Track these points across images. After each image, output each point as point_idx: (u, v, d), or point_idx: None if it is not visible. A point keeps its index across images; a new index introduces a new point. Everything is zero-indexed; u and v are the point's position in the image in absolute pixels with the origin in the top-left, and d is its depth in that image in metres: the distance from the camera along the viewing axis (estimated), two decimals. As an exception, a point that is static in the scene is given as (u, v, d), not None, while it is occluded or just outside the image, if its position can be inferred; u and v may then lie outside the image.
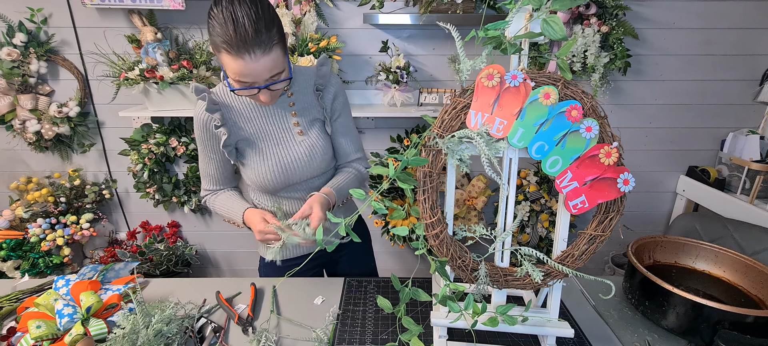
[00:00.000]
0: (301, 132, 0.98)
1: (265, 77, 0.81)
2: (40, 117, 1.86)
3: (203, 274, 2.33)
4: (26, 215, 1.85)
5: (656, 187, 2.11)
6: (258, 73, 0.80)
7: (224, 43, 0.76)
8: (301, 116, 0.99)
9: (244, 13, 0.76)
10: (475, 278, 0.73)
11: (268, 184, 0.97)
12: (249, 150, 0.97)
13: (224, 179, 1.04)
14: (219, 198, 1.03)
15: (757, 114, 1.95)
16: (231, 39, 0.75)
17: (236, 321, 0.90)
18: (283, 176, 0.97)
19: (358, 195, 0.67)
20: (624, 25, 1.72)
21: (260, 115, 0.97)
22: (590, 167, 0.65)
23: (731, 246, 1.34)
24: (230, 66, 0.79)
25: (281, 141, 0.97)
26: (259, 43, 0.77)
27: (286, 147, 0.97)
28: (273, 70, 0.81)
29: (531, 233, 2.06)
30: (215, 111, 0.92)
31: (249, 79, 0.81)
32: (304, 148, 0.98)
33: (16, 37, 1.74)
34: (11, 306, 0.95)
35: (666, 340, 0.86)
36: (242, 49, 0.76)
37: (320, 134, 1.00)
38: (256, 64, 0.78)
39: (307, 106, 0.99)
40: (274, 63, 0.81)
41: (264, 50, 0.78)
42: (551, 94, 0.62)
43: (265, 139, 0.97)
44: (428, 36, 1.85)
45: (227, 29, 0.75)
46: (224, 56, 0.78)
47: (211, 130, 0.93)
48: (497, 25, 0.63)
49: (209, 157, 1.00)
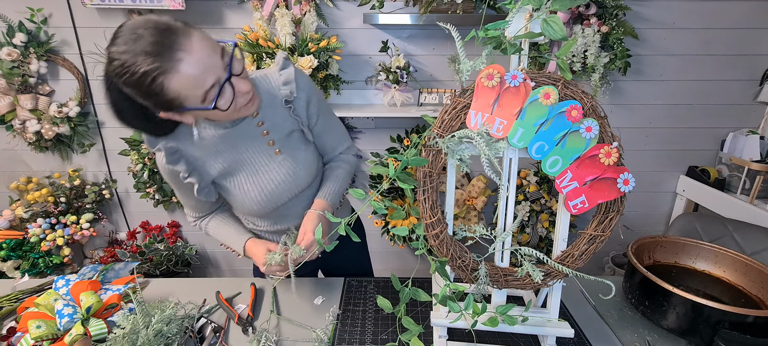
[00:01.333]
0: (279, 151, 0.89)
1: (218, 63, 0.70)
2: (40, 117, 1.86)
3: (203, 274, 2.33)
4: (26, 215, 1.85)
5: (656, 187, 2.11)
6: (207, 59, 0.68)
7: (151, 62, 0.64)
8: (274, 134, 0.89)
9: (142, 24, 0.65)
10: (475, 278, 0.73)
11: (256, 212, 0.93)
12: (227, 185, 0.89)
13: (208, 206, 0.97)
14: (211, 224, 0.98)
15: (757, 114, 1.95)
16: (152, 49, 0.64)
17: (236, 321, 0.90)
18: (269, 203, 0.91)
19: (357, 195, 0.67)
20: (624, 25, 1.72)
21: (230, 146, 0.86)
22: (590, 167, 0.65)
23: (731, 246, 1.34)
24: (180, 83, 0.67)
25: (259, 167, 0.89)
26: (178, 30, 0.66)
27: (266, 172, 0.89)
28: (215, 48, 0.70)
29: (531, 233, 2.06)
30: (178, 160, 0.83)
31: (210, 78, 0.69)
32: (285, 167, 0.90)
33: (16, 37, 1.74)
34: (11, 306, 0.95)
35: (666, 340, 0.86)
36: (172, 47, 0.65)
37: (300, 146, 0.92)
38: (199, 51, 0.67)
39: (278, 120, 0.89)
40: (208, 41, 0.70)
41: (187, 35, 0.67)
42: (551, 94, 0.62)
43: (242, 169, 0.88)
44: (428, 36, 1.85)
45: (141, 45, 0.64)
46: (166, 79, 0.66)
47: (180, 180, 0.85)
48: (497, 25, 0.63)
49: (185, 193, 0.92)
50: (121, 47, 0.65)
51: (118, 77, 0.66)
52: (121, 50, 0.65)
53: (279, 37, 1.66)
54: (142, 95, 0.68)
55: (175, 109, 0.71)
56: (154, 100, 0.69)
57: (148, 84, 0.66)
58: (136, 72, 0.64)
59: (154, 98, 0.68)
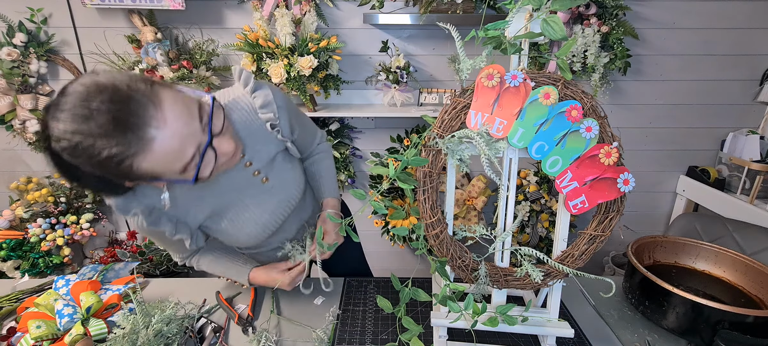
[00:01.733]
0: (266, 178, 0.83)
1: (197, 127, 0.58)
2: (40, 117, 1.86)
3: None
4: (26, 215, 1.85)
5: (656, 187, 2.11)
6: (184, 128, 0.56)
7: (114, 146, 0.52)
8: (257, 163, 0.81)
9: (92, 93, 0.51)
10: (475, 278, 0.73)
11: (250, 245, 0.89)
12: (217, 227, 0.82)
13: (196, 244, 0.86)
14: (203, 260, 0.91)
15: (757, 114, 1.95)
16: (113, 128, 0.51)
17: (236, 321, 0.90)
18: (266, 231, 0.86)
19: (357, 195, 0.67)
20: (624, 25, 1.72)
21: (212, 189, 0.77)
22: (590, 167, 0.65)
23: (731, 246, 1.34)
24: (154, 162, 0.56)
25: (249, 201, 0.82)
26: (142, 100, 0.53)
27: (258, 204, 0.83)
28: (191, 110, 0.58)
29: (531, 233, 2.05)
30: (159, 220, 0.73)
31: (190, 148, 0.58)
32: (276, 194, 0.85)
33: (16, 37, 1.74)
34: (11, 306, 0.95)
35: (666, 340, 0.86)
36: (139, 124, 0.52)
37: (286, 166, 0.87)
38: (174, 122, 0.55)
39: (259, 147, 0.81)
40: (182, 102, 0.57)
41: (156, 103, 0.54)
42: (551, 94, 0.62)
43: (231, 208, 0.81)
44: (428, 36, 1.85)
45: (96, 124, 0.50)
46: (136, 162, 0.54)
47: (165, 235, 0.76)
48: (497, 25, 0.63)
49: (168, 242, 0.82)
50: (68, 125, 0.51)
51: (69, 156, 0.53)
52: (70, 130, 0.51)
53: (279, 37, 1.66)
54: (103, 173, 0.56)
55: (145, 182, 0.62)
56: (121, 179, 0.59)
57: (112, 166, 0.54)
58: (95, 155, 0.52)
59: (121, 177, 0.58)
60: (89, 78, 0.53)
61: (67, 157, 0.54)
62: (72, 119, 0.51)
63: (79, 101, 0.51)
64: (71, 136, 0.51)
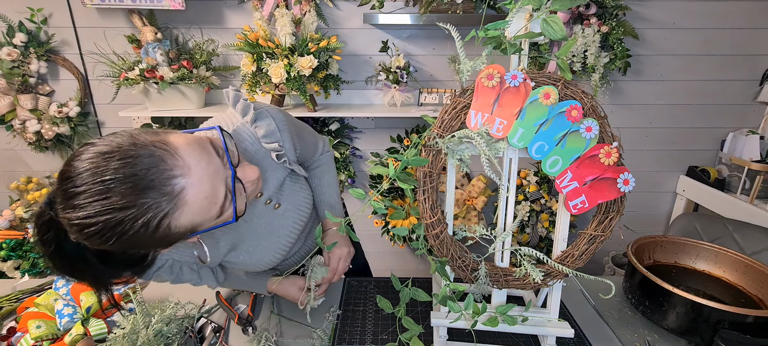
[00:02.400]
0: (278, 205, 0.82)
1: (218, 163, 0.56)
2: (40, 117, 1.86)
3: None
4: (26, 215, 1.85)
5: (656, 187, 2.11)
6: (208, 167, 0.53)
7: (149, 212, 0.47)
8: (268, 192, 0.79)
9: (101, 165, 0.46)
10: (475, 278, 0.73)
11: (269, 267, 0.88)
12: (235, 260, 0.81)
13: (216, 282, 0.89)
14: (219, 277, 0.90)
15: (757, 114, 1.95)
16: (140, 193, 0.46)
17: (236, 321, 0.90)
18: (282, 254, 0.85)
19: (357, 195, 0.67)
20: (624, 25, 1.72)
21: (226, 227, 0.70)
22: (590, 167, 0.65)
23: (731, 246, 1.34)
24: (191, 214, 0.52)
25: (264, 230, 0.81)
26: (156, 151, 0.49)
27: (272, 232, 0.82)
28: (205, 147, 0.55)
29: (531, 233, 2.06)
30: (180, 275, 0.77)
31: (221, 187, 0.55)
32: (290, 218, 0.84)
33: (16, 37, 1.74)
34: (11, 306, 0.95)
35: (666, 340, 0.86)
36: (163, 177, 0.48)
37: (295, 187, 0.85)
38: (195, 165, 0.51)
39: (267, 175, 0.78)
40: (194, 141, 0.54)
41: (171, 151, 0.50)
42: (551, 94, 0.62)
43: (248, 240, 0.80)
44: (428, 36, 1.85)
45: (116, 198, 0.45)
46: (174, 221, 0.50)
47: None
48: (497, 25, 0.63)
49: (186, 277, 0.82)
50: (90, 209, 0.45)
51: (96, 242, 0.47)
52: (92, 212, 0.45)
53: (279, 37, 1.66)
54: (141, 248, 0.53)
55: (185, 239, 0.57)
56: (162, 245, 0.54)
57: (149, 236, 0.49)
58: (127, 230, 0.47)
59: (161, 243, 0.53)
60: (87, 151, 0.47)
61: (95, 244, 0.47)
62: (91, 201, 0.45)
63: (90, 178, 0.45)
64: (96, 218, 0.45)
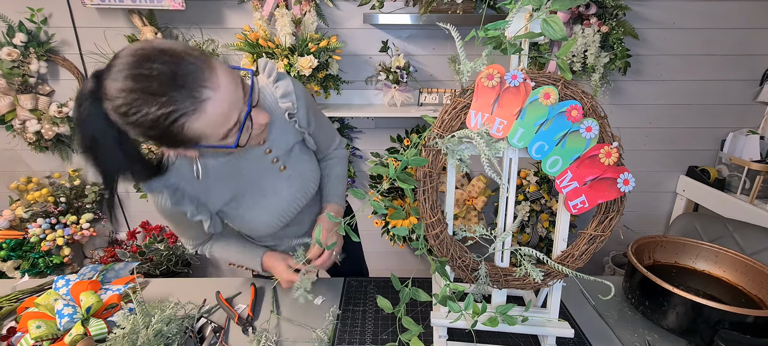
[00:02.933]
0: (284, 166, 0.86)
1: (241, 96, 0.63)
2: (40, 117, 1.86)
3: (203, 274, 2.33)
4: (26, 215, 1.85)
5: (656, 187, 2.11)
6: (233, 95, 0.61)
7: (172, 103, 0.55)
8: (276, 150, 0.85)
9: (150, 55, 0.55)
10: (475, 278, 0.73)
11: (265, 233, 0.90)
12: (235, 212, 0.84)
13: (210, 232, 0.88)
14: (215, 247, 0.93)
15: (757, 114, 1.95)
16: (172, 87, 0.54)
17: (236, 321, 0.90)
18: (281, 220, 0.88)
19: (357, 195, 0.67)
20: (624, 25, 1.72)
21: (233, 172, 0.81)
22: (590, 167, 0.65)
23: (731, 246, 1.34)
24: (205, 123, 0.59)
25: (266, 188, 0.85)
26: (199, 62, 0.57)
27: (274, 192, 0.86)
28: (237, 80, 0.63)
29: (531, 233, 2.06)
30: (182, 199, 0.76)
31: (235, 114, 0.62)
32: (293, 184, 0.88)
33: (16, 37, 1.74)
34: (11, 306, 0.95)
35: (666, 340, 0.86)
36: (196, 84, 0.56)
37: (303, 157, 0.90)
38: (225, 86, 0.59)
39: (279, 136, 0.85)
40: (230, 72, 0.62)
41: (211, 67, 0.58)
42: (551, 94, 0.62)
43: (249, 194, 0.84)
44: (428, 36, 1.85)
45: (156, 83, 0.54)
46: (189, 121, 0.57)
47: (184, 215, 0.78)
48: (497, 25, 0.63)
49: (185, 226, 0.84)
50: (128, 84, 0.53)
51: (121, 116, 0.55)
52: (128, 88, 0.53)
53: (279, 37, 1.66)
54: (150, 136, 0.59)
55: (187, 148, 0.64)
56: (167, 142, 0.60)
57: (164, 127, 0.56)
58: (149, 114, 0.54)
59: (168, 140, 0.59)
60: (144, 43, 0.57)
61: (117, 118, 0.56)
62: (132, 78, 0.53)
63: (137, 62, 0.54)
64: (129, 94, 0.53)
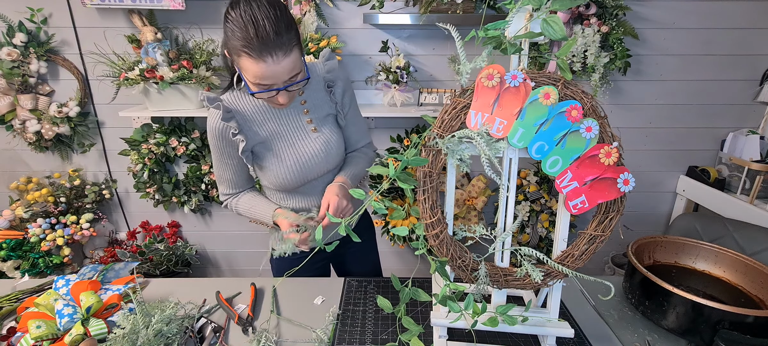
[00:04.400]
0: (315, 129, 0.99)
1: (284, 79, 0.82)
2: (40, 117, 1.86)
3: (203, 274, 2.33)
4: (26, 215, 1.85)
5: (656, 187, 2.11)
6: (278, 75, 0.80)
7: (245, 47, 0.76)
8: (313, 113, 0.99)
9: (264, 15, 0.76)
10: (475, 278, 0.73)
11: (287, 183, 0.98)
12: (266, 153, 0.97)
13: (242, 181, 1.03)
14: (241, 200, 1.03)
15: (757, 114, 1.95)
16: (252, 42, 0.75)
17: (236, 321, 0.90)
18: (301, 174, 0.98)
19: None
20: (624, 25, 1.72)
21: (273, 117, 0.97)
22: (590, 167, 0.65)
23: (731, 246, 1.34)
24: (250, 69, 0.79)
25: (297, 140, 0.98)
26: (279, 45, 0.77)
27: (303, 145, 0.98)
28: (292, 71, 0.82)
29: (531, 233, 2.05)
30: (230, 119, 0.91)
31: (269, 82, 0.81)
32: (319, 144, 0.99)
33: (16, 37, 1.74)
34: (11, 306, 0.95)
35: (666, 340, 0.86)
36: (264, 52, 0.76)
37: (333, 129, 1.02)
38: (277, 66, 0.79)
39: (319, 103, 1.00)
40: (293, 64, 0.81)
41: (285, 52, 0.79)
42: (551, 94, 0.62)
43: (281, 140, 0.97)
44: (428, 36, 1.85)
45: (248, 32, 0.75)
46: (244, 60, 0.78)
47: (228, 137, 0.93)
48: (497, 25, 0.63)
49: (226, 163, 0.99)
50: (240, 10, 0.76)
51: (225, 22, 0.79)
52: (237, 15, 0.76)
53: (279, 37, 1.66)
54: (226, 43, 0.81)
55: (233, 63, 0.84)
56: (227, 47, 0.82)
57: (233, 45, 0.78)
58: (233, 38, 0.77)
59: (231, 51, 0.81)
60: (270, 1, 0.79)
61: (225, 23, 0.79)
62: (244, 11, 0.76)
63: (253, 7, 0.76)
64: (235, 19, 0.76)
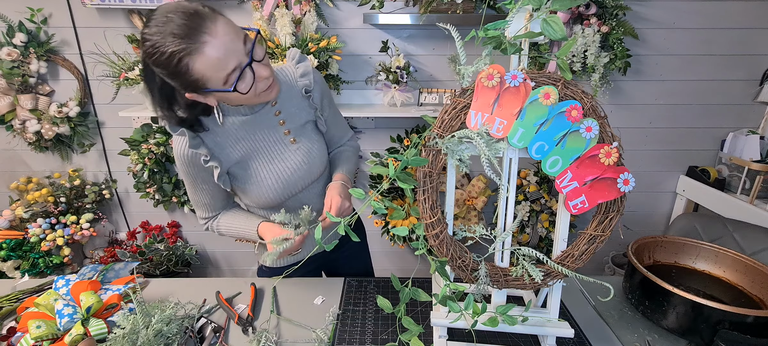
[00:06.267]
0: (294, 140, 0.94)
1: (241, 48, 0.74)
2: (40, 117, 1.86)
3: (203, 274, 2.33)
4: (26, 215, 1.85)
5: (656, 187, 2.11)
6: (230, 44, 0.72)
7: (178, 44, 0.69)
8: (290, 123, 0.94)
9: (173, 7, 0.71)
10: (475, 278, 0.73)
11: (270, 201, 0.94)
12: (243, 173, 0.91)
13: (221, 203, 0.98)
14: (222, 221, 0.98)
15: (757, 114, 1.95)
16: (181, 31, 0.68)
17: (236, 321, 0.90)
18: (284, 191, 0.93)
19: (357, 195, 0.67)
20: (624, 25, 1.72)
21: (247, 135, 0.90)
22: (590, 167, 0.65)
23: (731, 246, 1.34)
24: (204, 64, 0.71)
25: (275, 155, 0.92)
26: (205, 15, 0.70)
27: (282, 160, 0.93)
28: (238, 34, 0.74)
29: (531, 233, 2.06)
30: (199, 145, 0.85)
31: (232, 61, 0.73)
32: (300, 156, 0.94)
33: (16, 37, 1.74)
34: (11, 306, 0.95)
35: (666, 340, 0.86)
36: (199, 31, 0.69)
37: (313, 137, 0.97)
38: (223, 36, 0.71)
39: (295, 111, 0.94)
40: (233, 27, 0.74)
41: (213, 19, 0.71)
42: (551, 94, 0.62)
43: (259, 158, 0.91)
44: (428, 36, 1.85)
45: (170, 27, 0.69)
46: (191, 60, 0.70)
47: (200, 164, 0.86)
48: (497, 25, 0.63)
49: (201, 188, 0.92)
50: (152, 29, 0.70)
51: (149, 57, 0.72)
52: (152, 32, 0.70)
53: (279, 37, 1.66)
54: (169, 75, 0.73)
55: (199, 90, 0.76)
56: (180, 81, 0.74)
57: (174, 64, 0.71)
58: (165, 52, 0.70)
59: (180, 78, 0.73)
60: (173, 1, 0.73)
61: (147, 60, 0.72)
62: (156, 24, 0.70)
63: (162, 13, 0.70)
64: (152, 35, 0.70)
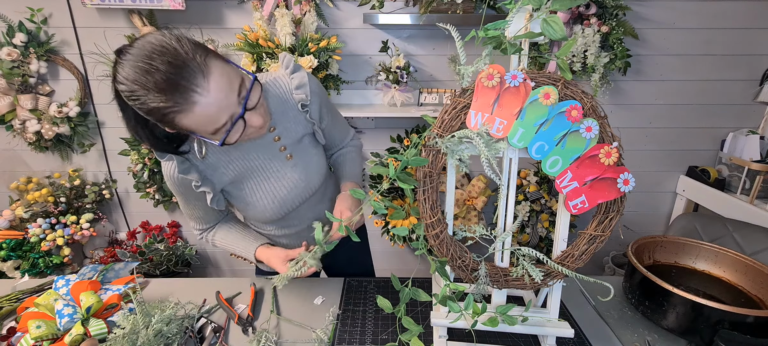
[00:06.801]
0: (291, 156, 0.89)
1: (234, 100, 0.67)
2: (40, 117, 1.86)
3: (203, 274, 2.33)
4: (26, 215, 1.85)
5: (656, 187, 2.11)
6: (224, 100, 0.65)
7: (164, 101, 0.61)
8: (285, 139, 0.88)
9: (156, 51, 0.60)
10: (475, 278, 0.73)
11: (267, 219, 0.92)
12: (238, 192, 0.88)
13: (215, 217, 0.95)
14: (218, 234, 0.96)
15: (757, 114, 1.95)
16: (167, 86, 0.60)
17: (236, 321, 0.90)
18: (282, 208, 0.90)
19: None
20: (624, 25, 1.72)
21: (241, 155, 0.85)
22: (590, 167, 0.65)
23: (731, 246, 1.34)
24: (192, 121, 0.65)
25: (271, 173, 0.88)
26: (195, 68, 0.62)
27: (278, 178, 0.89)
28: (233, 84, 0.67)
29: (531, 233, 2.06)
30: (189, 170, 0.80)
31: (224, 116, 0.66)
32: (297, 172, 0.90)
33: (16, 37, 1.74)
34: (11, 306, 0.95)
35: (666, 340, 0.86)
36: (188, 89, 0.61)
37: (311, 150, 0.93)
38: (216, 92, 0.64)
39: (290, 126, 0.88)
40: (227, 77, 0.66)
41: (205, 73, 0.63)
42: (551, 94, 0.62)
43: (253, 176, 0.87)
44: (428, 36, 1.85)
45: (154, 79, 0.59)
46: (178, 117, 0.63)
47: (190, 186, 0.82)
48: (497, 25, 0.63)
49: (192, 204, 0.89)
50: (131, 74, 0.60)
51: (126, 98, 0.63)
52: (131, 79, 0.60)
53: (279, 37, 1.66)
54: (150, 119, 0.66)
55: (183, 134, 0.73)
56: (166, 125, 0.67)
57: (158, 116, 0.64)
58: (147, 104, 0.61)
59: (164, 126, 0.67)
60: (158, 36, 0.62)
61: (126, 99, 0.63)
62: (134, 70, 0.60)
63: (143, 55, 0.60)
64: (130, 83, 0.60)
